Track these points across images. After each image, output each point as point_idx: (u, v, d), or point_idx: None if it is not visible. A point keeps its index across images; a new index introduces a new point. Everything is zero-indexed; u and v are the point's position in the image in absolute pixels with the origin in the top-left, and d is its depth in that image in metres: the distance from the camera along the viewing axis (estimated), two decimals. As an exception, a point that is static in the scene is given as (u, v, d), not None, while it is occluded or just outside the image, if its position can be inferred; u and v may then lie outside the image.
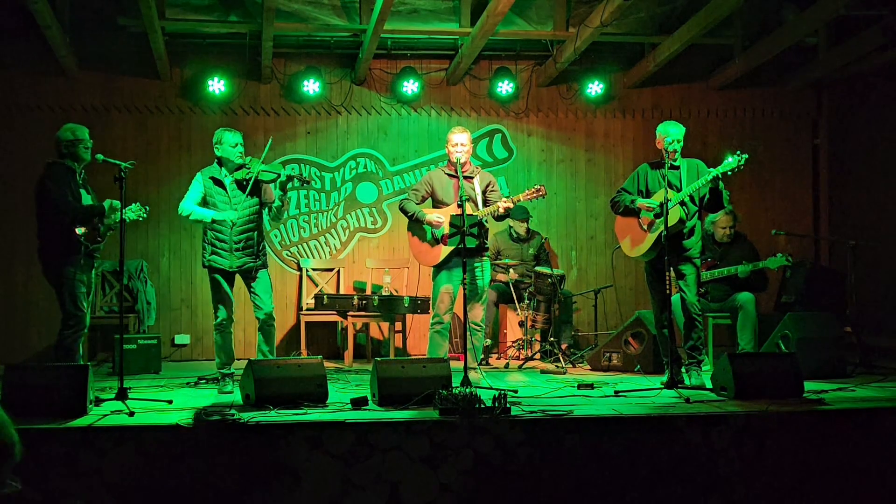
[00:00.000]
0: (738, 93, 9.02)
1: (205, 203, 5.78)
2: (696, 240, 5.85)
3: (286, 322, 8.43)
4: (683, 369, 5.80)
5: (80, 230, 5.40)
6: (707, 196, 5.73)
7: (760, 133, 9.09)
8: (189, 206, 5.76)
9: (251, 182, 5.74)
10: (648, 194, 5.86)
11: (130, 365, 6.89)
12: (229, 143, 5.81)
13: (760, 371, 5.17)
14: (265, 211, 5.94)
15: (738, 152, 5.52)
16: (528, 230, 8.08)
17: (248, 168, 5.77)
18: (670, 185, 5.70)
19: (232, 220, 5.69)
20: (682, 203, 5.68)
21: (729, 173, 5.54)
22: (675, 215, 5.62)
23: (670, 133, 5.74)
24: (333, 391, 5.30)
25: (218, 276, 5.78)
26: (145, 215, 5.74)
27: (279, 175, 5.77)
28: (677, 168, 5.78)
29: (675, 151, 5.70)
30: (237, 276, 5.85)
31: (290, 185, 5.87)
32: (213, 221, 5.71)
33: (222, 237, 5.74)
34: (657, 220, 5.66)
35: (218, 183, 5.81)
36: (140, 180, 7.98)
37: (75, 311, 5.40)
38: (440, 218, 6.03)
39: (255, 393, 4.84)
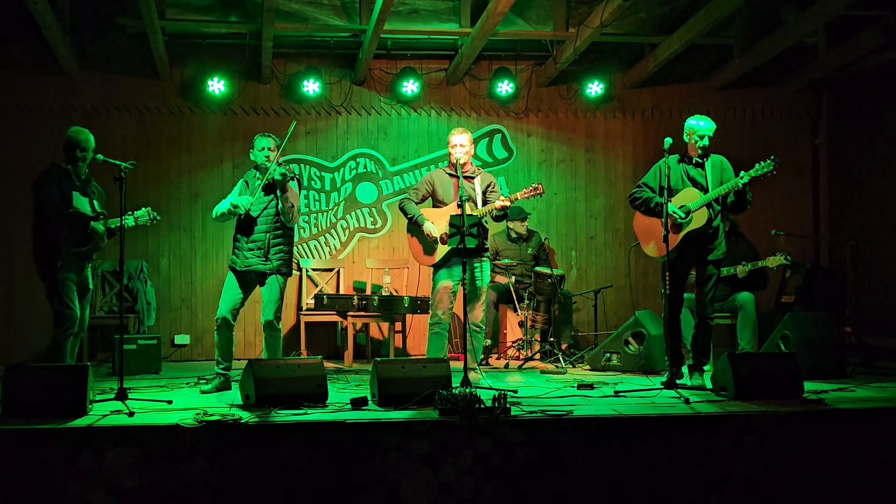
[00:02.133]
0: (738, 93, 9.01)
1: None
2: (721, 240, 5.76)
3: (286, 322, 8.41)
4: (685, 369, 5.80)
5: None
6: (732, 198, 5.63)
7: (760, 133, 9.09)
8: (217, 207, 5.87)
9: (264, 182, 5.77)
10: (670, 190, 5.68)
11: (130, 365, 6.89)
12: (257, 147, 5.87)
13: (760, 371, 5.17)
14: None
15: (773, 157, 5.41)
16: (527, 229, 8.08)
17: (271, 170, 5.80)
18: (695, 184, 5.66)
19: (245, 206, 5.72)
20: (708, 204, 5.61)
21: (761, 178, 5.45)
22: (702, 216, 5.57)
23: (702, 129, 5.67)
24: (333, 391, 5.30)
25: (231, 274, 5.84)
26: (150, 223, 5.74)
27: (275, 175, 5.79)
28: (702, 165, 5.71)
29: (703, 147, 5.65)
30: (255, 281, 5.86)
31: (291, 185, 5.86)
32: (232, 205, 5.76)
33: (240, 235, 5.80)
34: (683, 222, 5.60)
35: (248, 184, 5.92)
36: (140, 180, 7.98)
37: (63, 310, 5.41)
38: (435, 233, 6.06)
39: (255, 393, 4.84)
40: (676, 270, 5.71)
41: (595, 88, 8.66)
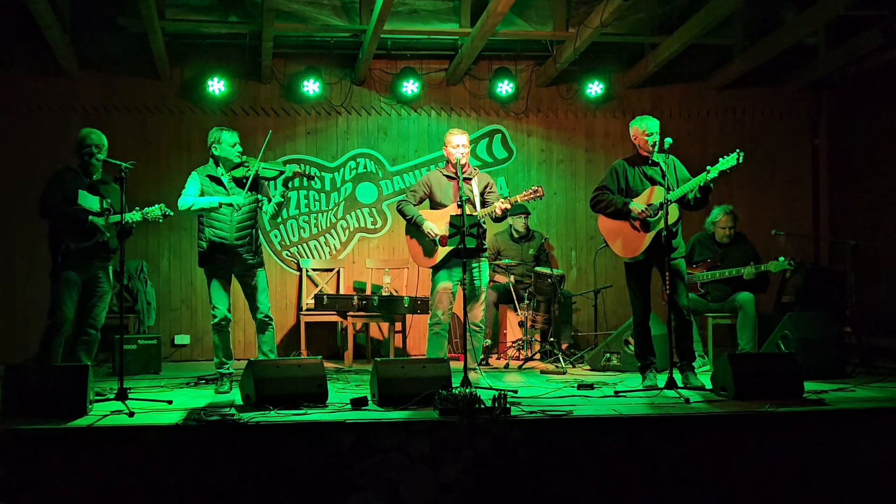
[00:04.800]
0: (738, 93, 9.01)
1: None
2: (680, 239, 5.78)
3: (286, 322, 8.43)
4: (678, 371, 5.77)
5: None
6: (697, 195, 5.58)
7: (760, 133, 9.09)
8: (189, 199, 5.71)
9: (250, 179, 5.75)
10: (629, 191, 5.73)
11: (130, 365, 6.90)
12: (228, 142, 5.83)
13: (760, 371, 5.17)
14: (262, 210, 5.92)
15: (738, 150, 5.38)
16: (527, 227, 8.08)
17: (247, 166, 5.78)
18: (654, 183, 5.65)
19: (239, 203, 5.69)
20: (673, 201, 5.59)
21: (728, 171, 5.47)
22: (674, 213, 5.58)
23: (649, 127, 5.68)
24: (333, 391, 5.31)
25: (216, 275, 5.81)
26: (161, 220, 5.63)
27: (282, 172, 5.80)
28: (657, 164, 5.69)
29: (654, 144, 5.66)
30: (234, 276, 5.86)
31: (292, 183, 5.87)
32: (221, 205, 5.67)
33: (223, 234, 5.73)
34: (652, 220, 5.60)
35: (216, 181, 5.82)
36: (140, 180, 7.94)
37: (52, 311, 5.45)
38: (435, 231, 6.04)
39: (255, 393, 4.84)
40: (643, 270, 5.72)
41: (595, 88, 8.66)
